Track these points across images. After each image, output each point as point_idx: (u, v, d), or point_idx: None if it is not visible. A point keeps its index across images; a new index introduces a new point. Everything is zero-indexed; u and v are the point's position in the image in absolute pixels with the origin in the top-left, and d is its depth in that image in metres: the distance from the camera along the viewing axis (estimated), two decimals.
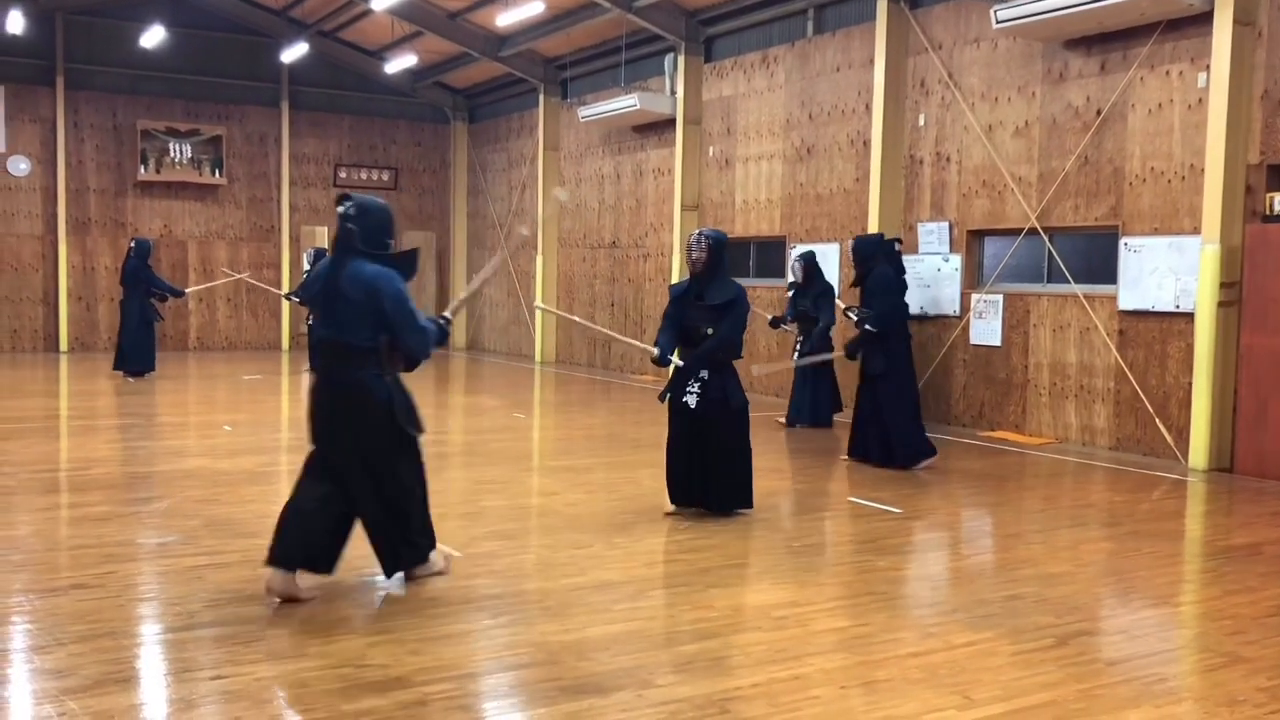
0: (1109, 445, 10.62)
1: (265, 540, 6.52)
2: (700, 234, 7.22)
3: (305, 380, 13.97)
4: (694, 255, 7.17)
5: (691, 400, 7.12)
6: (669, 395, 7.23)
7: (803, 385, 11.95)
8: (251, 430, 11.25)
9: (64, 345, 19.87)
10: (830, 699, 4.18)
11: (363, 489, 5.35)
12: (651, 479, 9.15)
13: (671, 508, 7.37)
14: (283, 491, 8.32)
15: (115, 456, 9.41)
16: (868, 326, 9.42)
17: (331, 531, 5.35)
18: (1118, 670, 4.59)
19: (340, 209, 5.36)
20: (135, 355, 15.61)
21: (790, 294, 12.33)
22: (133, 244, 15.98)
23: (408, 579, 5.57)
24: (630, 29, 16.56)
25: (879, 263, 9.67)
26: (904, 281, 10.31)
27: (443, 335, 5.49)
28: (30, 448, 9.85)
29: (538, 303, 6.54)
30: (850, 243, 10.21)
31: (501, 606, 5.25)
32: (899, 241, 10.68)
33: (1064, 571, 6.13)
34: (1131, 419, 10.45)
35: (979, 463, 9.92)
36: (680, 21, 15.85)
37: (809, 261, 12.04)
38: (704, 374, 7.12)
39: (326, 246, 20.67)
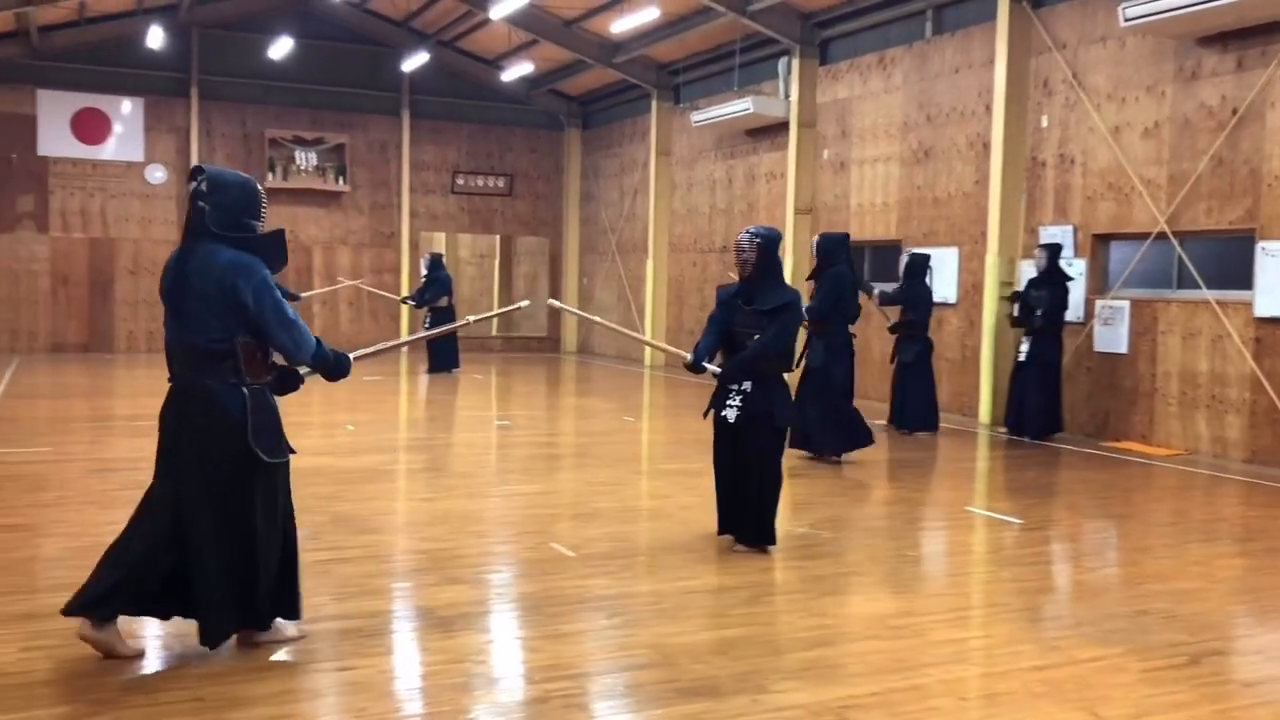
0: (1243, 458, 10.18)
1: (387, 537, 6.72)
2: (750, 232, 6.48)
3: (423, 381, 14.27)
4: (743, 256, 6.42)
5: (730, 414, 6.33)
6: (710, 409, 6.49)
7: (902, 388, 11.75)
8: (372, 429, 11.55)
9: None
10: (950, 710, 4.10)
11: (200, 518, 4.33)
12: None
13: (728, 539, 6.55)
14: (402, 489, 8.56)
15: None
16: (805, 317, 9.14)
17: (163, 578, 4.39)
18: (1254, 692, 4.40)
19: (190, 184, 4.49)
20: None
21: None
22: None
23: (248, 644, 4.55)
24: (744, 33, 16.51)
25: (840, 261, 9.80)
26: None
27: (338, 362, 4.64)
28: None
29: (550, 300, 6.48)
30: (815, 238, 10.26)
31: (616, 607, 5.28)
32: (928, 258, 11.60)
33: (1195, 588, 5.90)
34: (1268, 431, 9.99)
35: (1103, 474, 9.61)
36: (795, 24, 15.75)
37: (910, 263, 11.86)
38: (746, 386, 6.32)
39: (442, 251, 21.16)
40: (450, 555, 6.23)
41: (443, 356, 17.61)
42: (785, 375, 6.49)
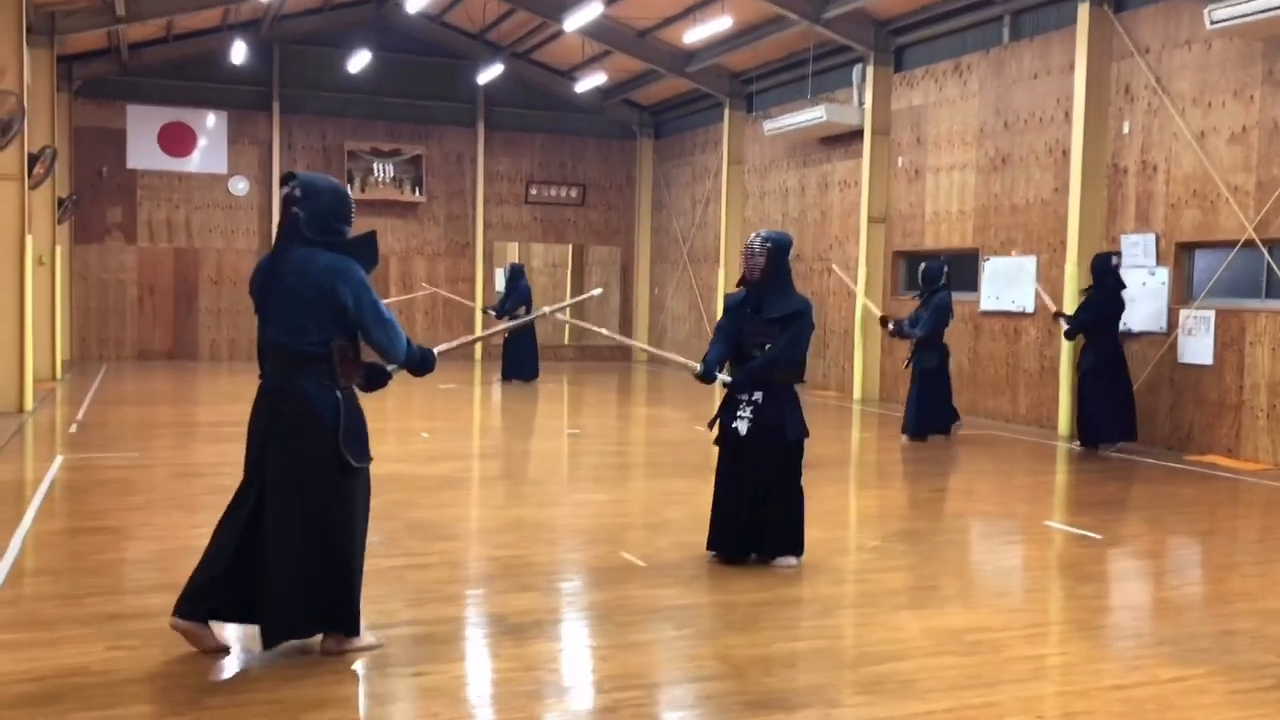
0: None
1: (459, 544, 6.80)
2: (761, 236, 6.26)
3: (497, 390, 14.39)
4: (753, 260, 6.19)
5: (741, 426, 6.14)
6: (718, 420, 6.31)
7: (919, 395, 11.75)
8: (447, 437, 11.69)
9: None
10: None
11: (280, 518, 4.41)
12: (836, 496, 9.05)
13: (710, 555, 6.33)
14: (476, 496, 8.65)
15: None
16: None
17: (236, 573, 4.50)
18: None
19: (284, 189, 4.56)
20: None
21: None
22: None
23: (334, 650, 4.56)
24: (818, 41, 16.43)
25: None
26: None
27: (424, 358, 4.75)
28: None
29: (545, 309, 6.38)
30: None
31: (686, 618, 5.28)
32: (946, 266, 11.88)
33: None
34: None
35: (1187, 488, 9.35)
36: (869, 31, 15.63)
37: (926, 272, 11.89)
38: (757, 396, 6.14)
39: (521, 261, 21.34)
40: (522, 563, 6.28)
41: (519, 365, 17.68)
42: (796, 386, 6.31)
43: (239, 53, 19.13)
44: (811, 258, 17.62)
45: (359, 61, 20.02)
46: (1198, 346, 11.13)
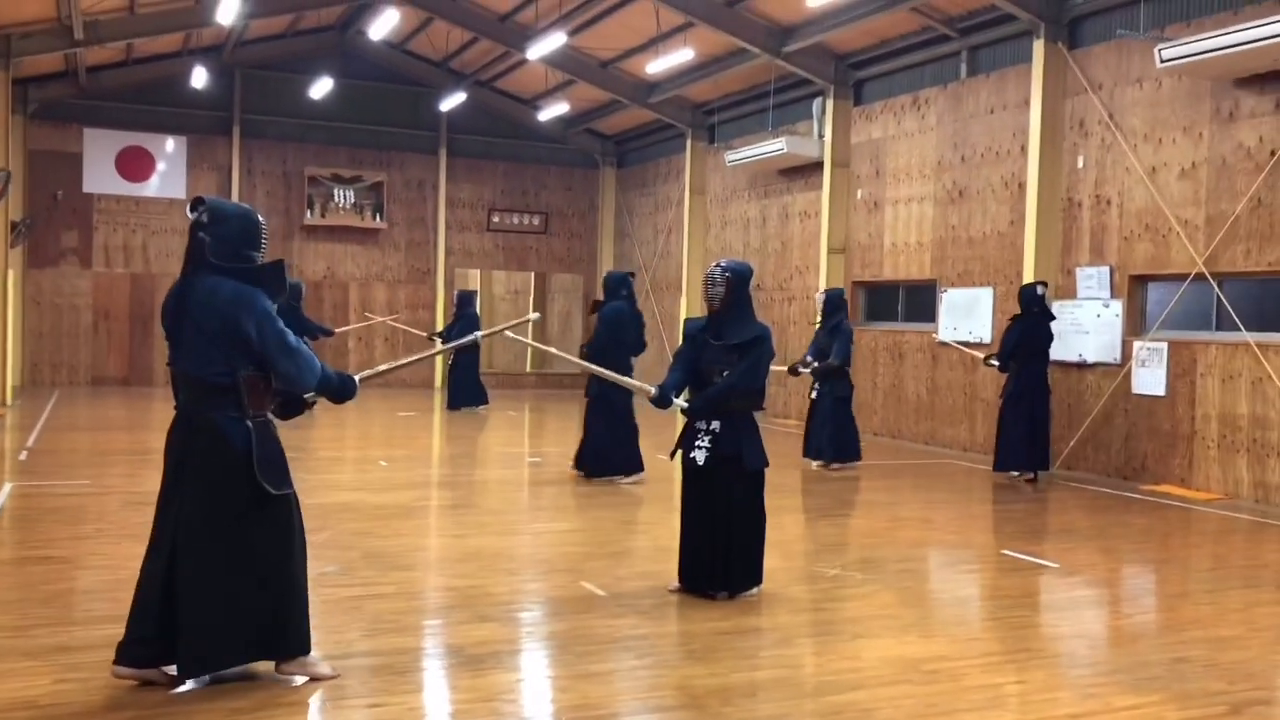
0: None
1: (417, 573, 6.74)
2: (721, 266, 6.28)
3: (457, 419, 14.32)
4: (713, 289, 6.20)
5: (699, 456, 6.12)
6: (677, 450, 6.30)
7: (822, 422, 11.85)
8: (406, 465, 11.60)
9: None
10: None
11: (195, 551, 4.34)
12: (795, 525, 9.07)
13: (674, 585, 6.29)
14: (434, 526, 8.58)
15: None
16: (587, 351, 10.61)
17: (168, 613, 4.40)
18: None
19: (192, 214, 4.47)
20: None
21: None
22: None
23: (291, 671, 4.59)
24: (779, 74, 16.61)
25: (620, 298, 10.76)
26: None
27: (342, 384, 4.69)
28: None
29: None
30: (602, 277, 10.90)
31: (646, 648, 5.26)
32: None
33: (1236, 635, 5.79)
34: None
35: (1141, 518, 9.47)
36: (829, 65, 15.84)
37: (828, 299, 12.06)
38: (715, 426, 6.12)
39: (474, 289, 21.32)
40: (481, 593, 6.23)
41: (464, 392, 17.49)
42: (755, 415, 6.30)
43: (200, 77, 19.03)
44: (772, 287, 17.74)
45: (321, 88, 19.98)
46: (1150, 378, 11.31)
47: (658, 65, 16.95)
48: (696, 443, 6.18)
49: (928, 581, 7.19)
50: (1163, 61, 10.44)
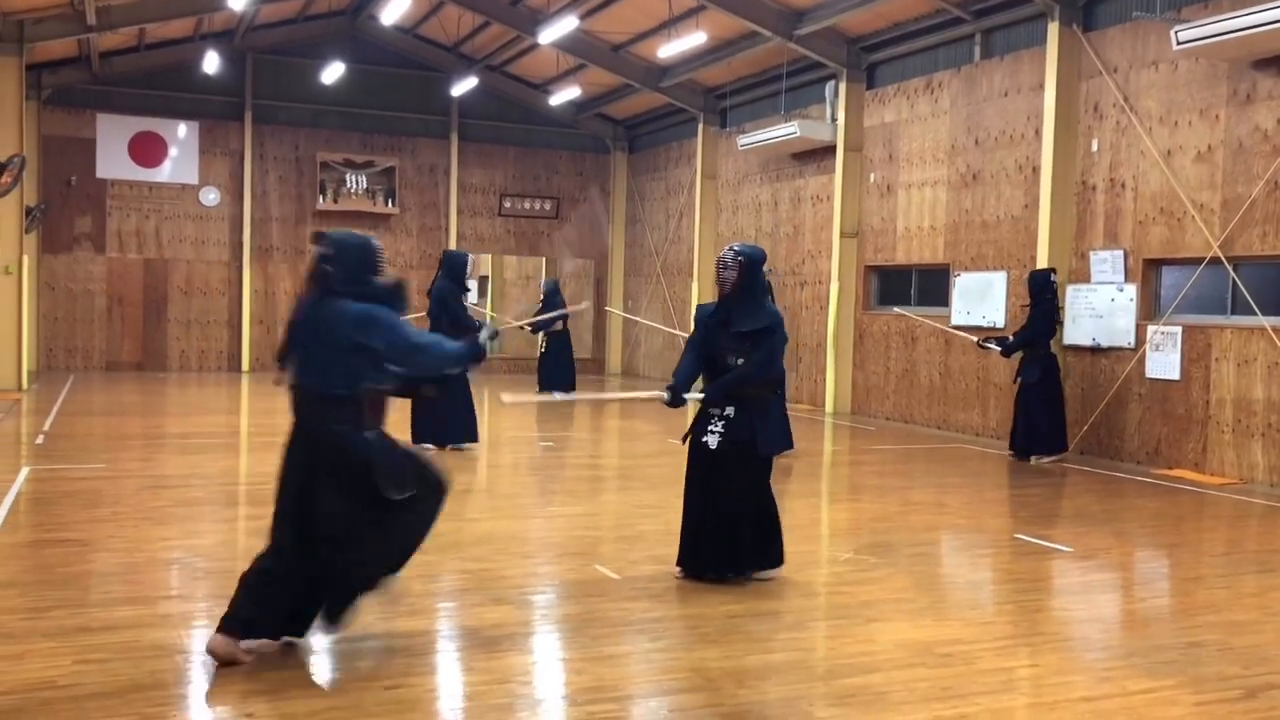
0: None
1: (433, 557, 6.75)
2: (734, 249, 6.16)
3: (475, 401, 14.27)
4: (725, 273, 6.10)
5: (711, 440, 6.07)
6: (689, 435, 6.27)
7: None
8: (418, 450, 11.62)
9: (246, 366, 20.99)
10: None
11: (341, 542, 4.72)
12: (808, 509, 9.07)
13: (678, 571, 6.25)
14: (450, 509, 8.56)
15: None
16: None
17: (298, 595, 4.76)
18: None
19: (317, 248, 4.88)
20: None
21: None
22: None
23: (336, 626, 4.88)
24: (791, 57, 16.55)
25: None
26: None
27: (471, 353, 4.96)
28: (216, 462, 10.44)
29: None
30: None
31: (659, 630, 5.28)
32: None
33: (1251, 619, 5.78)
34: None
35: (1154, 502, 9.45)
36: (842, 49, 15.76)
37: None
38: (729, 411, 6.06)
39: (557, 277, 21.32)
40: (495, 576, 6.26)
41: (556, 377, 17.77)
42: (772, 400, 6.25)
43: (211, 62, 19.04)
44: (784, 272, 17.70)
45: (333, 73, 19.96)
46: (1165, 362, 11.26)
47: (669, 49, 16.88)
48: (710, 427, 6.12)
49: (941, 565, 7.19)
50: (1179, 44, 10.36)
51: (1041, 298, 11.45)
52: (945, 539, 7.93)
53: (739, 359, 6.07)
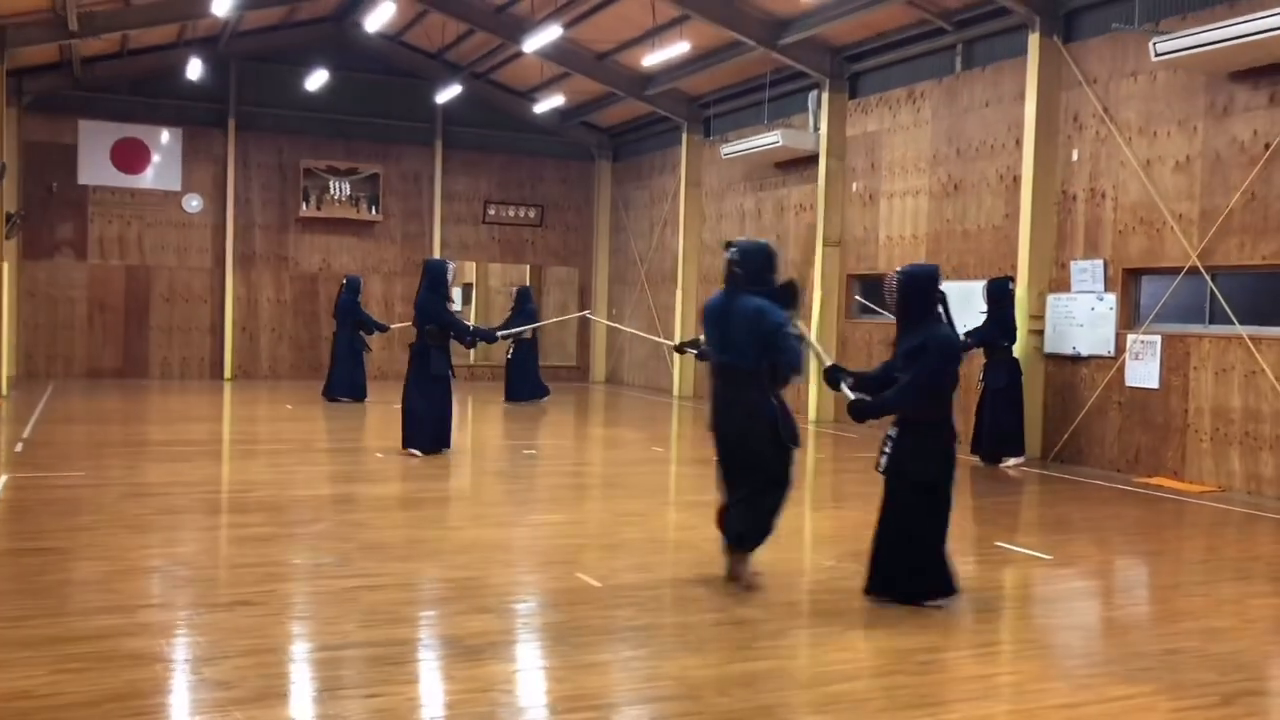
0: (1278, 495, 10.05)
1: (414, 565, 6.76)
2: (897, 270, 6.21)
3: (456, 409, 14.36)
4: (888, 291, 6.21)
5: (881, 461, 6.09)
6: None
7: None
8: (402, 457, 11.61)
9: (228, 373, 20.90)
10: None
11: (741, 481, 6.19)
12: (791, 517, 9.08)
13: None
14: (432, 517, 8.60)
15: (275, 480, 9.85)
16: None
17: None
18: None
19: (726, 254, 6.28)
20: (342, 384, 17.21)
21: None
22: (345, 280, 17.79)
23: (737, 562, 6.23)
24: (774, 67, 16.62)
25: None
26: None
27: (798, 357, 6.07)
28: (198, 470, 10.40)
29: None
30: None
31: (642, 638, 5.29)
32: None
33: (1228, 627, 5.83)
34: None
35: (1134, 509, 9.52)
36: (825, 58, 15.84)
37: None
38: (892, 431, 6.04)
39: (528, 284, 21.31)
40: (478, 584, 6.26)
41: (523, 386, 17.84)
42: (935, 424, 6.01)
43: (195, 69, 18.99)
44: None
45: (317, 80, 19.94)
46: (1144, 371, 11.35)
47: (653, 58, 16.94)
48: (883, 448, 6.09)
49: None
50: (1157, 55, 10.45)
51: (999, 305, 11.71)
52: None
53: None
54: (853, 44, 15.51)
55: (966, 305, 13.65)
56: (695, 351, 11.87)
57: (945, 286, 5.70)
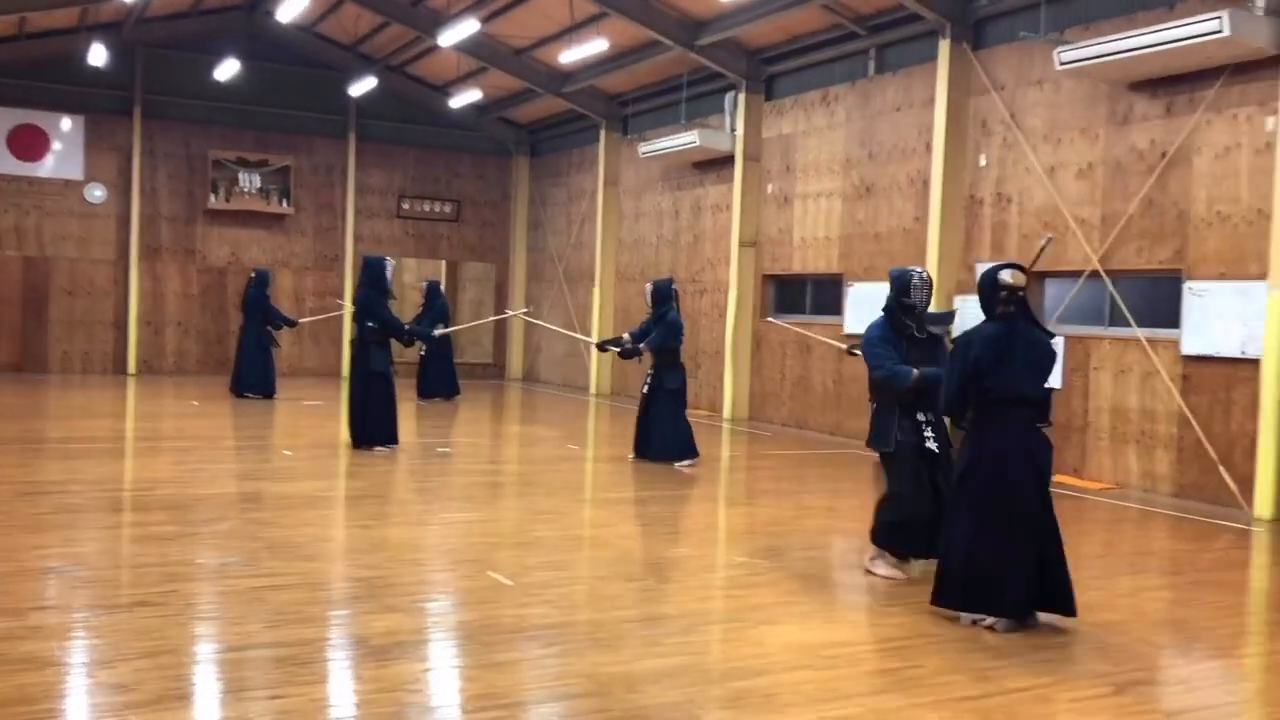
0: (1171, 492, 10.42)
1: (320, 564, 6.65)
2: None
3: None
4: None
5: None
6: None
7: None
8: (311, 454, 11.43)
9: (132, 368, 20.32)
10: None
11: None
12: (705, 513, 9.17)
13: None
14: (342, 516, 8.46)
15: (179, 478, 9.61)
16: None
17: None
18: None
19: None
20: (251, 380, 16.84)
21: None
22: (253, 274, 17.50)
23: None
24: (692, 67, 16.71)
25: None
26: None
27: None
28: (98, 467, 10.09)
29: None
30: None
31: (553, 636, 5.28)
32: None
33: (1123, 619, 6.02)
34: (1195, 466, 10.25)
35: None
36: (742, 60, 15.97)
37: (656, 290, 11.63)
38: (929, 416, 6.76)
39: (437, 279, 21.03)
40: (386, 583, 6.19)
41: (435, 383, 17.61)
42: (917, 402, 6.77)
43: (98, 55, 18.39)
44: (684, 280, 17.83)
45: (227, 69, 19.48)
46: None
47: (571, 55, 16.90)
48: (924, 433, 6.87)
49: (831, 569, 7.33)
50: (1061, 64, 10.75)
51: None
52: (836, 543, 8.08)
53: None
54: (769, 46, 15.67)
55: (877, 306, 13.87)
56: (618, 350, 11.95)
57: (856, 287, 6.46)
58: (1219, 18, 9.33)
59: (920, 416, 6.70)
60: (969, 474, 5.79)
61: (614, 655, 5.00)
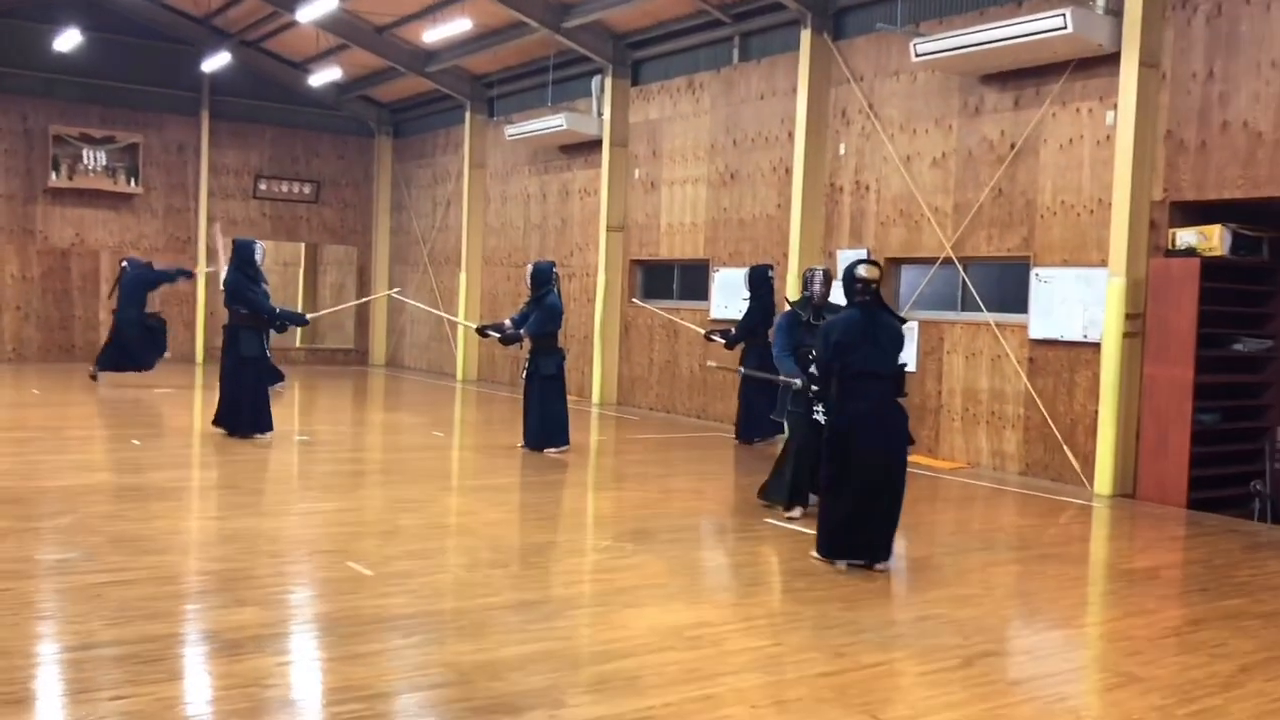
0: (1019, 470, 10.87)
1: (169, 558, 6.40)
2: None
3: (210, 396, 13.69)
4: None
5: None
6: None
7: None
8: (161, 445, 10.99)
9: None
10: (741, 718, 4.21)
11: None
12: (571, 498, 9.15)
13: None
14: (192, 508, 8.15)
15: (16, 469, 9.11)
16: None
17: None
18: (1021, 690, 4.70)
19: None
20: (124, 357, 16.20)
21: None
22: (125, 263, 16.87)
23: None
24: (558, 49, 16.61)
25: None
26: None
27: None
28: None
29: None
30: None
31: (414, 626, 5.19)
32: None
33: (972, 594, 6.26)
34: (1040, 445, 10.72)
35: None
36: (608, 44, 15.94)
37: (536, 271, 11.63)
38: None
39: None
40: (241, 576, 5.99)
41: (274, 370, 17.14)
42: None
43: None
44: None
45: (68, 40, 18.46)
46: (903, 354, 11.98)
47: (435, 34, 16.60)
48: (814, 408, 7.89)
49: (696, 551, 7.41)
50: (917, 56, 11.06)
51: (759, 291, 12.15)
52: (701, 525, 8.18)
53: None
54: (635, 31, 15.68)
55: (742, 291, 14.10)
56: (499, 336, 11.78)
57: (721, 273, 6.46)
58: (1063, 14, 9.74)
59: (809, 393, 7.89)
60: (831, 438, 6.80)
61: (477, 643, 4.95)
